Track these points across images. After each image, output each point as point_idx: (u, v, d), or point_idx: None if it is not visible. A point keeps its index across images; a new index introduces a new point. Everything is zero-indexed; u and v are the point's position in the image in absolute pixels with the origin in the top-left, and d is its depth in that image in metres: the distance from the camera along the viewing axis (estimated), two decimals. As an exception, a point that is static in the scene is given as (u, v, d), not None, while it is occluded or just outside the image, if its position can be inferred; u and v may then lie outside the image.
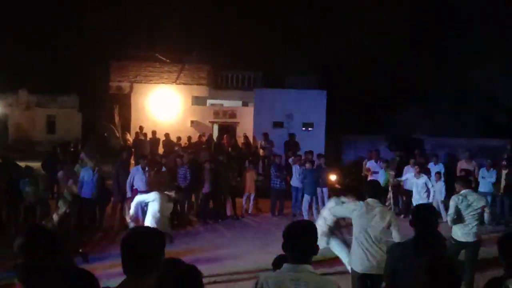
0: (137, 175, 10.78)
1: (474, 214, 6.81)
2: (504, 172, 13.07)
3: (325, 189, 13.08)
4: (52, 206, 10.28)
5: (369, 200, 5.51)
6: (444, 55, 19.45)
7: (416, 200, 11.20)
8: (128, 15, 23.47)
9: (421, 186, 11.30)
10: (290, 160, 14.09)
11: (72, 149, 16.63)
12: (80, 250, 8.49)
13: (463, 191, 6.93)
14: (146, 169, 11.05)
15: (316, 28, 21.57)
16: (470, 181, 7.72)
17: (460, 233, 6.87)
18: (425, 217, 4.09)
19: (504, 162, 13.75)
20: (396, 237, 5.36)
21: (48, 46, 26.56)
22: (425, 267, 3.05)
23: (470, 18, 18.90)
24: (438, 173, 13.02)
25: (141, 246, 2.73)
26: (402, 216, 12.78)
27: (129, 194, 10.66)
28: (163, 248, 2.87)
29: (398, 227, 5.40)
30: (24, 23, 26.92)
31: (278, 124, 19.24)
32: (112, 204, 11.31)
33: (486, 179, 12.89)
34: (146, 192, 10.43)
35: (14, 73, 26.53)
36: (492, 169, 13.06)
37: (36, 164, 12.50)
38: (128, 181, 10.86)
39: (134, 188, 10.67)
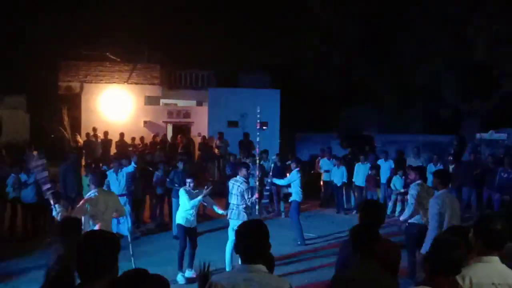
0: (110, 179, 10.33)
1: None
2: (450, 167, 13.59)
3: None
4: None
5: None
6: (390, 54, 19.96)
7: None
8: (78, 13, 22.81)
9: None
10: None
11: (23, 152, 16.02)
12: None
13: (420, 181, 7.79)
14: (120, 171, 10.55)
15: (267, 27, 21.68)
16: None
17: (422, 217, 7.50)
18: (370, 214, 4.19)
19: (450, 157, 14.31)
20: None
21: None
22: None
23: (415, 16, 19.46)
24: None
25: (95, 250, 2.70)
26: (354, 212, 13.10)
27: None
28: (118, 252, 2.84)
29: None
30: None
31: (232, 124, 19.25)
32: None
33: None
34: (122, 195, 10.12)
35: (-44, 73, 25.30)
36: (439, 164, 13.55)
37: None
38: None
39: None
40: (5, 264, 8.62)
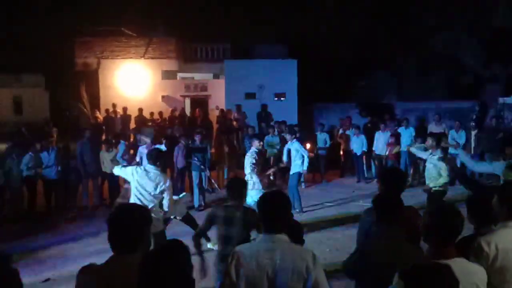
0: (143, 155, 10.17)
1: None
2: (473, 133, 13.33)
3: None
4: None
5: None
6: (408, 21, 19.51)
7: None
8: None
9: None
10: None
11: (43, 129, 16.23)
12: None
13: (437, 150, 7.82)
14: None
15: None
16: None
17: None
18: (391, 182, 4.12)
19: (472, 123, 14.02)
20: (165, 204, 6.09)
21: (9, 24, 25.60)
22: None
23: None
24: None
25: (129, 222, 2.74)
26: (375, 180, 13.01)
27: None
28: (149, 225, 2.88)
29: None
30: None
31: (250, 95, 19.16)
32: (81, 184, 11.12)
33: (455, 141, 13.09)
34: None
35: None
36: (461, 130, 13.31)
37: (3, 146, 12.10)
38: (137, 160, 10.48)
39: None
40: (28, 240, 8.75)
